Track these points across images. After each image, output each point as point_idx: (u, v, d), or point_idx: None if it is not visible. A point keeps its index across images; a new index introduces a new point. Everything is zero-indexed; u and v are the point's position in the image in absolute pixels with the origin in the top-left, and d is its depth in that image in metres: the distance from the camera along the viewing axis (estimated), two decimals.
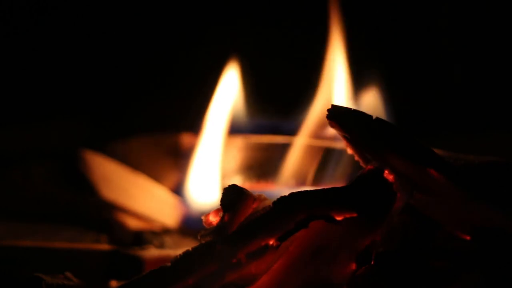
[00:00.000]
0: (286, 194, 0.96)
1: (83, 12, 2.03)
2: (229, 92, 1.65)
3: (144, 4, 2.05)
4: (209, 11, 2.06)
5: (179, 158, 1.69)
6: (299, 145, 1.57)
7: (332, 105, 1.00)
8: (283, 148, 1.64)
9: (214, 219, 0.99)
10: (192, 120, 1.64)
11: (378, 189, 0.99)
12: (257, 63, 1.80)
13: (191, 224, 1.61)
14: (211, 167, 1.61)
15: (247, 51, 1.67)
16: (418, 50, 2.07)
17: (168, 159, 1.75)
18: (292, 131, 1.60)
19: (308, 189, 0.97)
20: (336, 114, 1.00)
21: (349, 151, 1.07)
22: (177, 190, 1.66)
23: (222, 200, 0.98)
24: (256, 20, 2.05)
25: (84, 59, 2.03)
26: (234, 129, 1.64)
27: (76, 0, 2.03)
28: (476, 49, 2.05)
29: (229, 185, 0.98)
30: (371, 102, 1.55)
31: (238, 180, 1.71)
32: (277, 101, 1.71)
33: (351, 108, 1.00)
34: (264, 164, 1.70)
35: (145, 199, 1.68)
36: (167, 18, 2.06)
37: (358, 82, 1.58)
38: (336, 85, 1.58)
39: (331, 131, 1.06)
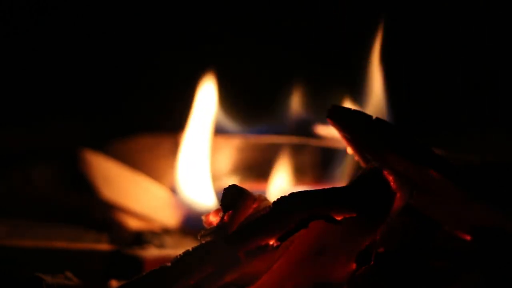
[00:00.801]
0: (286, 194, 0.96)
1: (83, 13, 2.03)
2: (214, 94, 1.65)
3: (144, 3, 2.05)
4: (210, 10, 2.06)
5: (179, 158, 1.69)
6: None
7: (332, 105, 1.00)
8: (283, 149, 1.64)
9: (214, 219, 0.99)
10: (191, 120, 1.64)
11: (378, 189, 0.99)
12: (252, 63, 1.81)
13: (191, 224, 1.61)
14: (208, 167, 1.61)
15: (246, 50, 1.67)
16: (418, 50, 2.07)
17: (168, 159, 1.75)
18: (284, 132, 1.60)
19: (308, 189, 0.97)
20: (336, 114, 1.00)
21: (349, 151, 1.07)
22: (176, 190, 1.66)
23: (222, 200, 0.98)
24: (256, 21, 2.05)
25: (84, 59, 2.03)
26: (232, 130, 1.64)
27: (76, 1, 2.03)
28: (476, 48, 2.05)
29: (229, 185, 0.98)
30: (371, 102, 1.55)
31: (237, 180, 1.71)
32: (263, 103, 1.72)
33: (351, 108, 1.00)
34: (264, 164, 1.70)
35: (145, 199, 1.68)
36: (168, 17, 2.06)
37: (358, 82, 1.58)
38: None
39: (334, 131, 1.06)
